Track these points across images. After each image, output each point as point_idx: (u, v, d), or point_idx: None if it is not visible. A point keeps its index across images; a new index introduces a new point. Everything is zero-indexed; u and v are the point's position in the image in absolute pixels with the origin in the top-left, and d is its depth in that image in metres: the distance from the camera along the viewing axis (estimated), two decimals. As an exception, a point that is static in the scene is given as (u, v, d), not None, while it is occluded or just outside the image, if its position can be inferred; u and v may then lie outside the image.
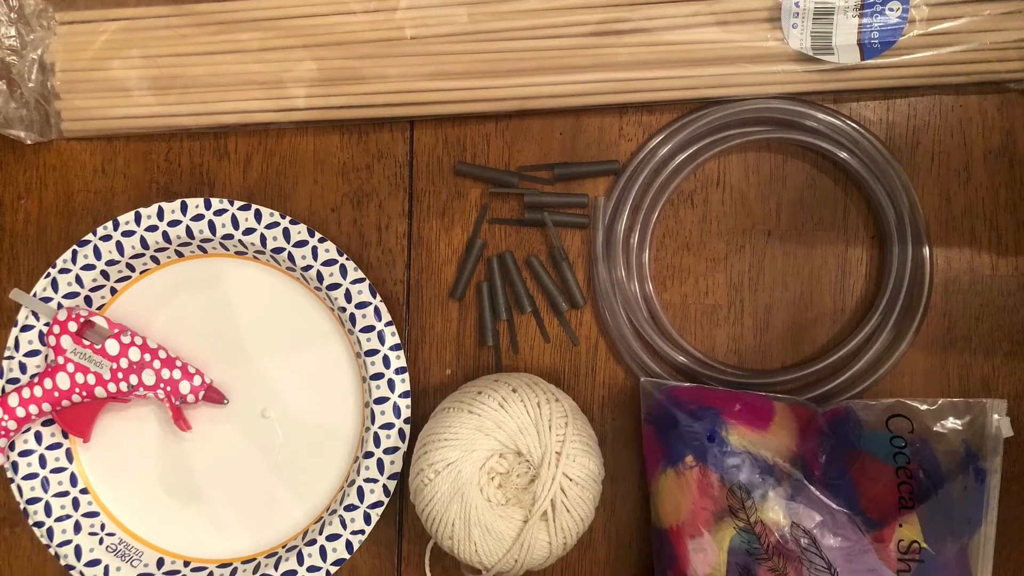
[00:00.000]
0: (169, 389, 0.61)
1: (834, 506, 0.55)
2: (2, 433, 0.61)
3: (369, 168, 0.64)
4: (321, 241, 0.61)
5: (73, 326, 0.61)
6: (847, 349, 0.60)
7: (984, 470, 0.55)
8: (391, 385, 0.61)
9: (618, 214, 0.61)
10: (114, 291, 0.64)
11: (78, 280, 0.62)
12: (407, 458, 0.61)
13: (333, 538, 0.61)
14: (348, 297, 0.61)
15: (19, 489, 0.63)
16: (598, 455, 0.57)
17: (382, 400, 0.61)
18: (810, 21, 0.58)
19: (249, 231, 0.61)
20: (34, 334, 0.63)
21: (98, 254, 0.62)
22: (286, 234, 0.61)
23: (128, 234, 0.62)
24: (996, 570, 0.55)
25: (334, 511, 0.61)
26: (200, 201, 0.62)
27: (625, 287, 0.61)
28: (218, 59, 0.63)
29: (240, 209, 0.61)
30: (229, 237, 0.62)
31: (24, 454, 0.63)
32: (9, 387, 0.63)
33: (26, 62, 0.64)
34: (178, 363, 0.62)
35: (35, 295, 0.63)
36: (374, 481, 0.61)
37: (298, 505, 0.63)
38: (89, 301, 0.63)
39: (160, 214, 0.62)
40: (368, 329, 0.61)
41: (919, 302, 0.59)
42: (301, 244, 0.61)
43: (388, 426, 0.61)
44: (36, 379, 0.61)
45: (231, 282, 0.64)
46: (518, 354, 0.63)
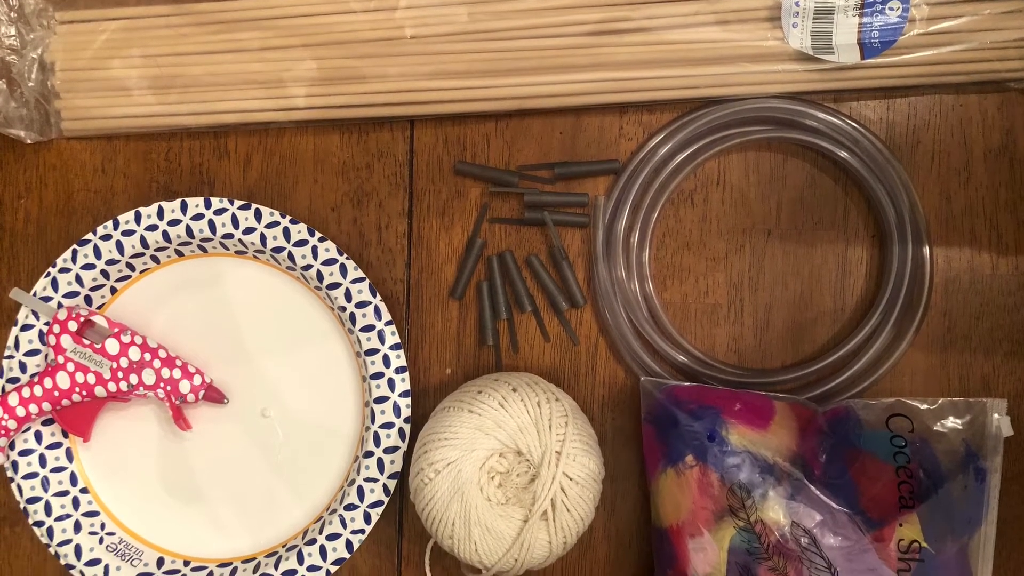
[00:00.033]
0: (169, 388, 0.61)
1: (834, 505, 0.55)
2: (2, 432, 0.61)
3: (369, 167, 0.64)
4: (321, 240, 0.61)
5: (73, 325, 0.61)
6: (847, 348, 0.60)
7: (984, 469, 0.55)
8: (391, 384, 0.61)
9: (618, 213, 0.61)
10: (114, 290, 0.64)
11: (78, 279, 0.62)
12: (407, 457, 0.61)
13: (333, 537, 0.61)
14: (348, 296, 0.61)
15: (19, 488, 0.63)
16: (598, 454, 0.57)
17: (382, 399, 0.61)
18: (810, 20, 0.58)
19: (249, 230, 0.61)
20: (34, 333, 0.63)
21: (98, 253, 0.62)
22: (286, 233, 0.61)
23: (128, 233, 0.62)
24: (996, 569, 0.55)
25: (334, 510, 0.61)
26: (200, 200, 0.62)
27: (625, 286, 0.61)
28: (218, 58, 0.63)
29: (240, 208, 0.61)
30: (229, 236, 0.62)
31: (24, 453, 0.63)
32: (9, 386, 0.63)
33: (26, 61, 0.64)
34: (178, 362, 0.62)
35: (35, 294, 0.63)
36: (374, 480, 0.61)
37: (298, 504, 0.63)
38: (89, 300, 0.63)
39: (160, 213, 0.62)
40: (368, 328, 0.61)
41: (919, 301, 0.59)
42: (301, 243, 0.61)
43: (388, 425, 0.61)
44: (36, 378, 0.61)
45: (231, 281, 0.64)
46: (518, 353, 0.63)
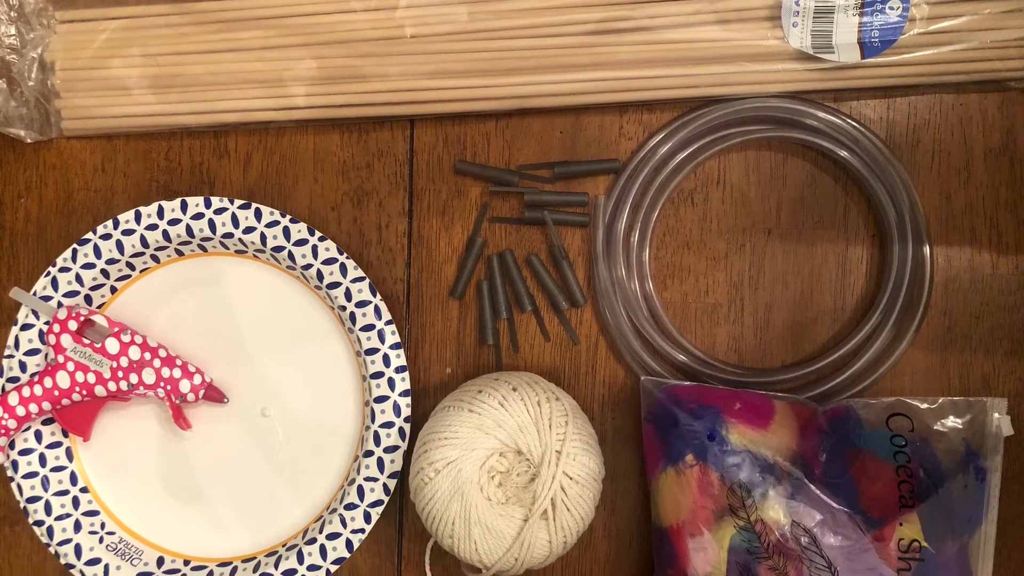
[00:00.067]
0: (169, 388, 0.61)
1: (834, 505, 0.55)
2: (2, 432, 0.61)
3: (369, 167, 0.64)
4: (321, 240, 0.61)
5: (73, 325, 0.61)
6: (847, 348, 0.60)
7: (984, 469, 0.55)
8: (391, 384, 0.61)
9: (618, 213, 0.61)
10: (114, 290, 0.64)
11: (78, 279, 0.62)
12: (407, 457, 0.61)
13: (333, 537, 0.61)
14: (348, 296, 0.61)
15: (19, 488, 0.63)
16: (598, 454, 0.57)
17: (382, 399, 0.61)
18: (810, 20, 0.58)
19: (249, 230, 0.61)
20: (34, 333, 0.63)
21: (98, 253, 0.62)
22: (286, 233, 0.61)
23: (128, 233, 0.62)
24: (996, 569, 0.55)
25: (334, 510, 0.61)
26: (200, 200, 0.62)
27: (625, 286, 0.61)
28: (218, 57, 0.63)
29: (240, 208, 0.61)
30: (229, 236, 0.62)
31: (24, 453, 0.63)
32: (9, 386, 0.63)
33: (26, 61, 0.64)
34: (178, 362, 0.62)
35: (35, 294, 0.63)
36: (374, 480, 0.61)
37: (298, 504, 0.63)
38: (89, 300, 0.63)
39: (160, 213, 0.62)
40: (368, 328, 0.61)
41: (919, 301, 0.59)
42: (301, 243, 0.61)
43: (388, 425, 0.61)
44: (36, 378, 0.61)
45: (231, 281, 0.64)
46: (518, 353, 0.63)
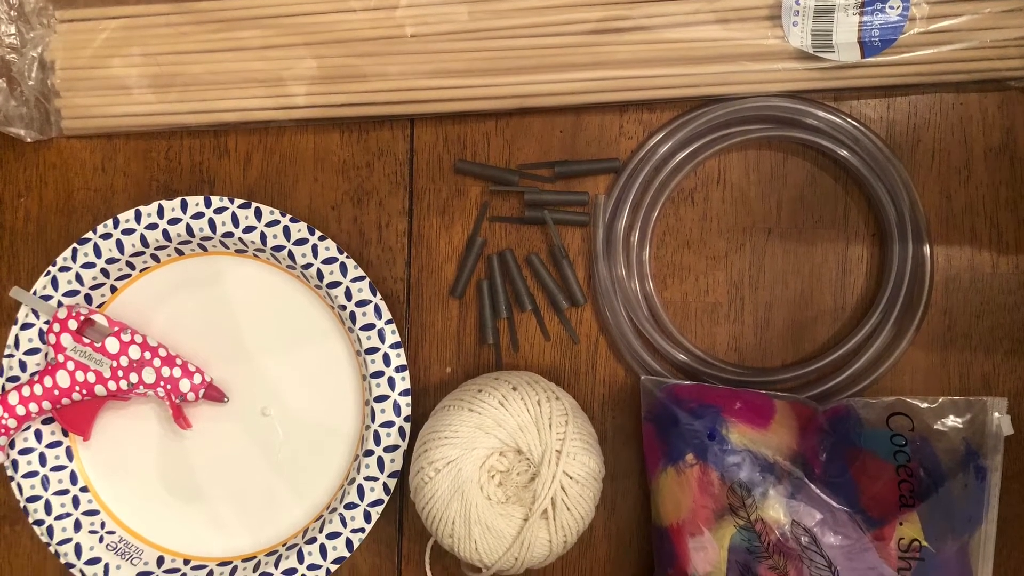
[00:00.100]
0: (169, 387, 0.61)
1: (834, 504, 0.55)
2: (2, 431, 0.61)
3: (369, 166, 0.64)
4: (321, 239, 0.61)
5: (73, 324, 0.61)
6: (847, 347, 0.60)
7: (984, 468, 0.55)
8: (391, 383, 0.61)
9: (618, 212, 0.61)
10: (114, 289, 0.64)
11: (78, 278, 0.62)
12: (407, 456, 0.61)
13: (333, 536, 0.61)
14: (348, 295, 0.61)
15: (19, 487, 0.63)
16: (598, 453, 0.57)
17: (382, 398, 0.61)
18: (810, 19, 0.58)
19: (249, 229, 0.61)
20: (34, 332, 0.63)
21: (98, 252, 0.62)
22: (286, 232, 0.61)
23: (128, 232, 0.62)
24: (996, 568, 0.55)
25: (334, 509, 0.61)
26: (200, 199, 0.62)
27: (625, 285, 0.61)
28: (218, 57, 0.63)
29: (240, 207, 0.61)
30: (229, 235, 0.62)
31: (24, 452, 0.63)
32: (9, 385, 0.63)
33: (26, 60, 0.64)
34: (178, 361, 0.62)
35: (35, 293, 0.63)
36: (374, 479, 0.61)
37: (298, 503, 0.63)
38: (89, 299, 0.63)
39: (160, 212, 0.62)
40: (368, 327, 0.61)
41: (919, 300, 0.59)
42: (301, 242, 0.61)
43: (388, 424, 0.61)
44: (36, 377, 0.61)
45: (231, 280, 0.64)
46: (518, 352, 0.63)
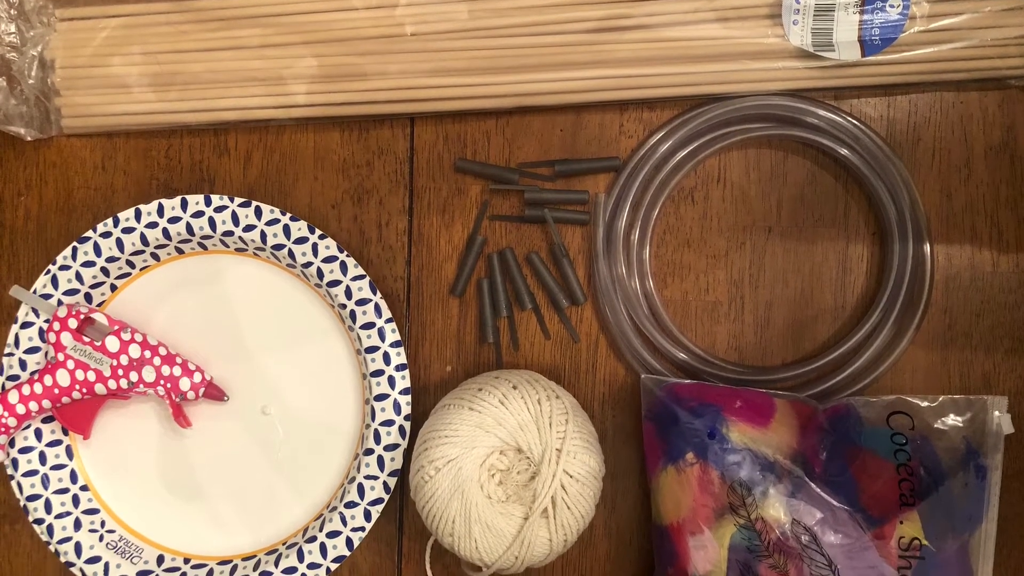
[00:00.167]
0: (169, 386, 0.61)
1: (835, 503, 0.55)
2: (2, 430, 0.61)
3: (369, 165, 0.64)
4: (321, 238, 0.61)
5: (73, 323, 0.61)
6: (848, 346, 0.60)
7: (985, 467, 0.55)
8: (391, 382, 0.61)
9: (619, 211, 0.61)
10: (114, 288, 0.64)
11: (78, 277, 0.62)
12: (407, 455, 0.61)
13: (333, 535, 0.61)
14: (348, 294, 0.61)
15: (19, 486, 0.63)
16: (598, 452, 0.57)
17: (382, 397, 0.61)
18: (811, 18, 0.58)
19: (249, 228, 0.61)
20: (34, 331, 0.63)
21: (98, 251, 0.62)
22: (286, 231, 0.61)
23: (128, 231, 0.62)
24: (997, 567, 0.55)
25: (334, 508, 0.61)
26: (200, 198, 0.62)
27: (626, 284, 0.61)
28: (218, 55, 0.63)
29: (240, 206, 0.61)
30: (229, 234, 0.62)
31: (24, 451, 0.63)
32: (9, 384, 0.63)
33: (26, 59, 0.64)
34: (178, 360, 0.62)
35: (35, 292, 0.63)
36: (374, 478, 0.61)
37: (298, 502, 0.63)
38: (89, 298, 0.63)
39: (160, 211, 0.62)
40: (368, 326, 0.61)
41: (920, 299, 0.59)
42: (301, 241, 0.61)
43: (388, 423, 0.61)
44: (36, 376, 0.61)
45: (231, 279, 0.64)
46: (518, 351, 0.63)
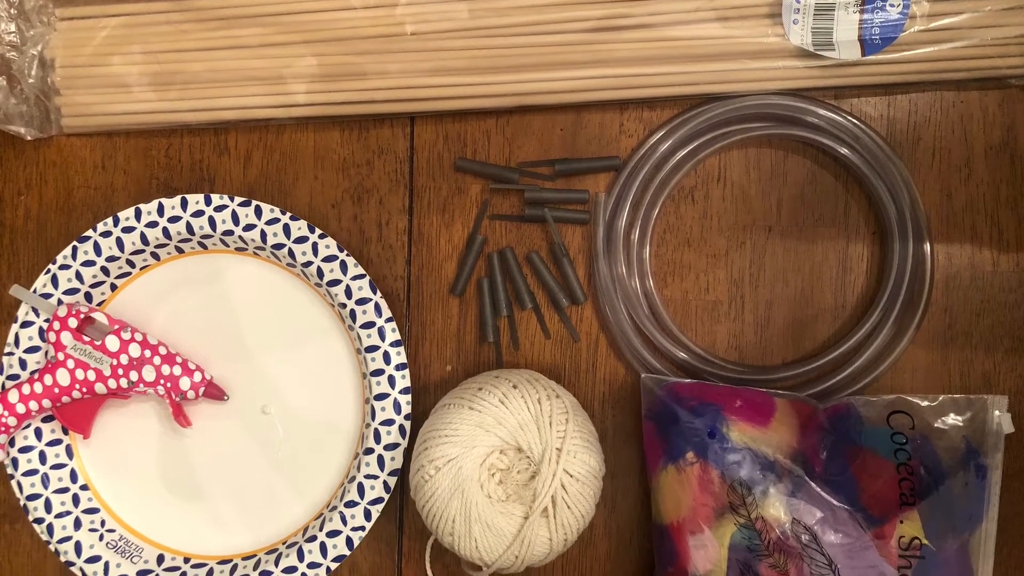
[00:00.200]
0: (169, 385, 0.61)
1: (835, 502, 0.55)
2: (2, 429, 0.61)
3: (369, 164, 0.64)
4: (321, 237, 0.61)
5: (73, 322, 0.61)
6: (848, 345, 0.60)
7: (985, 466, 0.55)
8: (391, 381, 0.61)
9: (619, 210, 0.61)
10: (114, 287, 0.64)
11: (78, 276, 0.62)
12: (408, 454, 0.61)
13: (333, 534, 0.61)
14: (348, 293, 0.61)
15: (19, 485, 0.63)
16: (599, 451, 0.57)
17: (382, 396, 0.61)
18: (811, 17, 0.58)
19: (249, 227, 0.61)
20: (34, 330, 0.63)
21: (98, 250, 0.62)
22: (286, 230, 0.61)
23: (128, 230, 0.62)
24: (997, 566, 0.55)
25: (334, 507, 0.61)
26: (200, 197, 0.62)
27: (626, 283, 0.61)
28: (218, 55, 0.63)
29: (240, 205, 0.61)
30: (229, 233, 0.62)
31: (24, 450, 0.63)
32: (9, 383, 0.63)
33: (26, 58, 0.64)
34: (178, 359, 0.62)
35: (35, 291, 0.63)
36: (374, 477, 0.61)
37: (298, 501, 0.63)
38: (89, 297, 0.63)
39: (160, 210, 0.62)
40: (368, 325, 0.61)
41: (920, 298, 0.59)
42: (301, 240, 0.61)
43: (388, 422, 0.61)
44: (36, 375, 0.61)
45: (231, 278, 0.64)
46: (519, 350, 0.63)
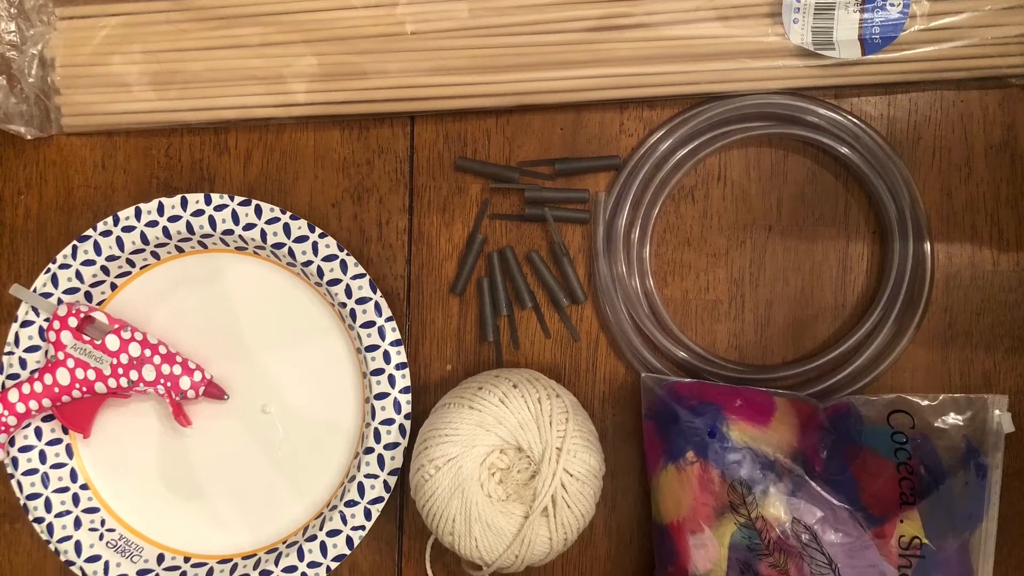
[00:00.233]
0: (169, 385, 0.61)
1: (835, 502, 0.55)
2: (2, 429, 0.61)
3: (370, 163, 0.64)
4: (321, 236, 0.61)
5: (73, 322, 0.61)
6: (848, 345, 0.60)
7: (985, 466, 0.55)
8: (391, 381, 0.61)
9: (619, 209, 0.61)
10: (114, 287, 0.64)
11: (78, 276, 0.62)
12: (408, 454, 0.61)
13: (333, 534, 0.61)
14: (348, 293, 0.61)
15: (19, 485, 0.63)
16: (599, 451, 0.57)
17: (382, 396, 0.61)
18: (811, 16, 0.58)
19: (249, 226, 0.61)
20: (34, 330, 0.63)
21: (98, 250, 0.62)
22: (286, 229, 0.61)
23: (128, 229, 0.62)
24: (997, 566, 0.55)
25: (334, 507, 0.61)
26: (200, 196, 0.62)
27: (626, 282, 0.61)
28: (218, 54, 0.63)
29: (240, 204, 0.61)
30: (229, 232, 0.62)
31: (24, 450, 0.63)
32: (9, 383, 0.63)
33: (26, 57, 0.64)
34: (178, 359, 0.62)
35: (35, 291, 0.63)
36: (374, 477, 0.61)
37: (298, 501, 0.63)
38: (89, 297, 0.63)
39: (160, 210, 0.62)
40: (368, 325, 0.61)
41: (920, 297, 0.59)
42: (301, 239, 0.61)
43: (388, 422, 0.61)
44: (36, 375, 0.61)
45: (231, 278, 0.64)
46: (519, 350, 0.63)
